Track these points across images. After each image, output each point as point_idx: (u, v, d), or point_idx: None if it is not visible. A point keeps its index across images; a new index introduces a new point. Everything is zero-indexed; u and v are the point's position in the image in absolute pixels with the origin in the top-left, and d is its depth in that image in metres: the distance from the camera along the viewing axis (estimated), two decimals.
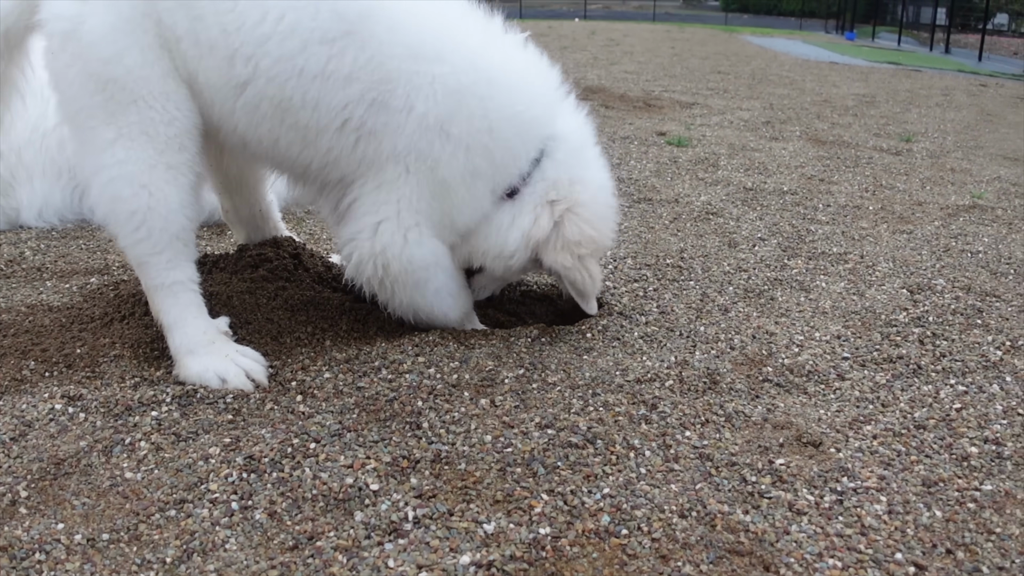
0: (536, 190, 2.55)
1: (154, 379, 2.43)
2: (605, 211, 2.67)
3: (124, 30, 2.27)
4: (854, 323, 2.95)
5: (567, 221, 2.55)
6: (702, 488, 1.95)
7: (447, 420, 2.21)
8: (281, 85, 2.30)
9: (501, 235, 2.57)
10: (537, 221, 2.55)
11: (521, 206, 2.56)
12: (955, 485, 2.03)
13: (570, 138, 2.61)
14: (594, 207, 2.61)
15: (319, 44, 2.28)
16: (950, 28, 23.42)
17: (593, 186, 2.63)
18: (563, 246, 2.55)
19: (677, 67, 12.70)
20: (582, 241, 2.56)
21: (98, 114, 2.30)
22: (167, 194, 2.34)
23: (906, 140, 6.83)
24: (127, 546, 1.76)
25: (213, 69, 2.31)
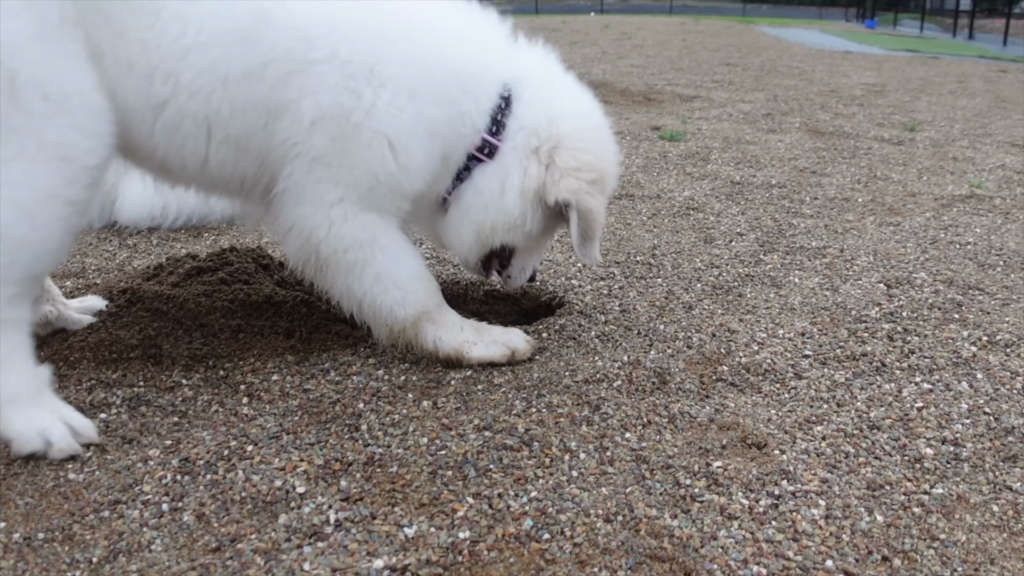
0: (517, 143, 2.38)
1: (109, 381, 2.43)
2: (595, 135, 2.48)
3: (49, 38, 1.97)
4: (822, 319, 2.90)
5: (558, 156, 2.36)
6: (632, 491, 1.92)
7: (386, 422, 2.19)
8: (205, 100, 2.13)
9: (499, 203, 2.39)
10: (527, 172, 2.37)
11: (506, 165, 2.38)
12: (903, 488, 1.98)
13: (533, 74, 2.44)
14: (581, 134, 2.41)
15: (238, 44, 2.13)
16: (974, 13, 23.04)
17: (573, 116, 2.43)
18: (562, 175, 2.35)
19: (685, 60, 12.59)
20: (581, 167, 2.36)
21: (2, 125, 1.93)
22: (53, 231, 2.01)
23: (910, 129, 6.72)
24: (60, 545, 1.77)
25: (131, 89, 2.10)
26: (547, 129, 2.38)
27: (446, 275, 3.29)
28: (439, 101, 2.27)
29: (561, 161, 2.35)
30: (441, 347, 2.48)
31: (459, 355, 2.48)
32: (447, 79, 2.28)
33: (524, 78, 2.41)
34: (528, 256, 2.64)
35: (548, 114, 2.39)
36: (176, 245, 3.77)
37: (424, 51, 2.25)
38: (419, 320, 2.45)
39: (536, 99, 2.40)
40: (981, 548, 1.79)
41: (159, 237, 3.90)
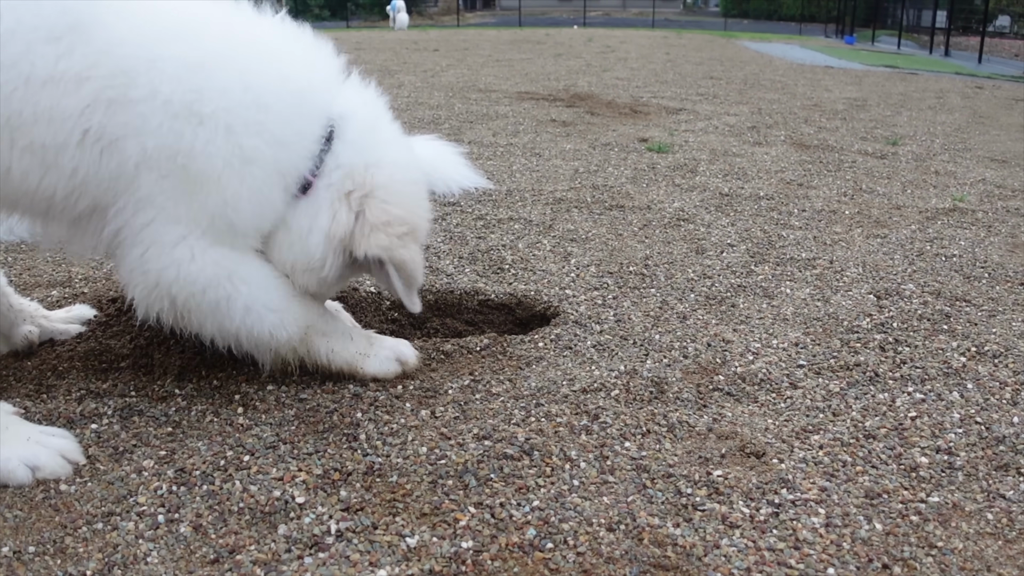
0: (332, 181, 2.23)
1: (100, 391, 2.40)
2: (409, 188, 2.35)
3: None
4: (815, 330, 2.91)
5: (368, 207, 2.24)
6: (634, 500, 1.91)
7: (384, 432, 2.18)
8: (6, 98, 1.91)
9: (303, 242, 2.24)
10: (336, 217, 2.23)
11: (317, 204, 2.23)
12: (900, 497, 1.99)
13: (358, 115, 2.30)
14: (395, 187, 2.29)
15: (44, 43, 1.92)
16: (950, 31, 23.35)
17: (390, 166, 2.31)
18: (372, 229, 2.23)
19: (670, 73, 12.67)
20: (391, 221, 2.24)
21: None
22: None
23: (892, 143, 6.79)
24: (51, 559, 1.75)
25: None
26: (362, 175, 2.26)
27: (439, 285, 3.28)
28: (270, 133, 2.12)
29: (371, 214, 2.24)
30: (334, 359, 2.41)
31: (352, 369, 2.42)
32: (269, 115, 2.12)
33: (349, 117, 2.28)
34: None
35: (366, 159, 2.27)
36: None
37: (246, 84, 2.10)
38: (307, 335, 2.35)
39: (357, 141, 2.27)
40: (978, 556, 1.79)
41: None
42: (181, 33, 2.07)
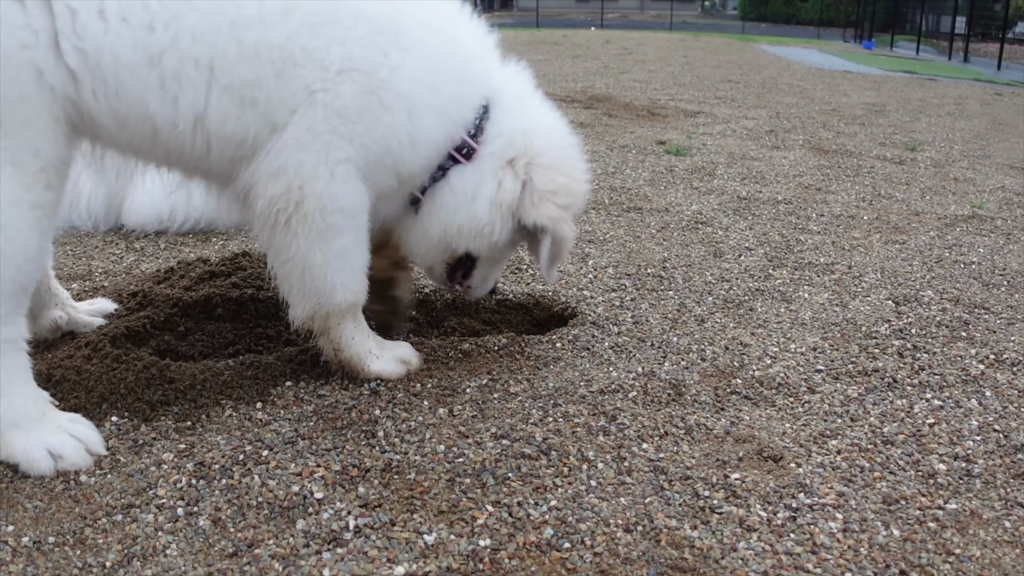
0: (495, 148, 2.35)
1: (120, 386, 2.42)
2: (568, 152, 2.48)
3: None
4: (833, 335, 2.90)
5: (535, 175, 2.36)
6: (652, 502, 1.92)
7: (403, 429, 2.19)
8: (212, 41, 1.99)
9: (469, 207, 2.35)
10: (502, 185, 2.35)
11: (481, 171, 2.34)
12: (917, 503, 1.98)
13: (510, 87, 2.44)
14: (555, 151, 2.42)
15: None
16: (969, 37, 23.21)
17: (547, 132, 2.44)
18: (541, 198, 2.36)
19: (687, 76, 12.65)
20: (557, 190, 2.37)
21: None
22: (27, 239, 1.92)
23: (911, 149, 6.76)
24: (71, 549, 1.76)
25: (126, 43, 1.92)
26: (522, 141, 2.37)
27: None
28: (448, 81, 2.25)
29: (539, 182, 2.35)
30: (352, 347, 2.42)
31: (360, 362, 2.43)
32: (453, 62, 2.27)
33: (503, 88, 2.41)
34: (490, 267, 2.60)
35: (523, 126, 2.39)
36: (184, 249, 3.76)
37: (437, 30, 2.26)
38: (347, 312, 2.36)
39: (513, 109, 2.39)
40: (995, 563, 1.79)
41: (167, 241, 3.90)
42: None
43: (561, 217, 2.37)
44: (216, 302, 2.85)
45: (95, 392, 2.30)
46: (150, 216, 3.97)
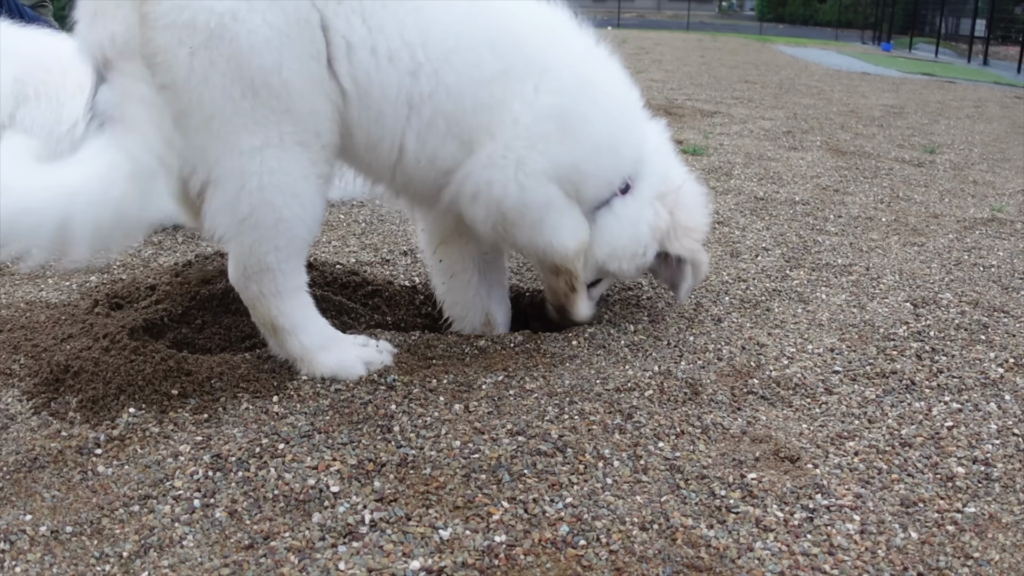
0: (648, 184, 2.71)
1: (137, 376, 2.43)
2: (700, 196, 2.89)
3: (289, 36, 2.14)
4: (850, 336, 2.89)
5: (678, 211, 2.75)
6: (668, 500, 1.91)
7: (418, 424, 2.19)
8: (458, 98, 2.35)
9: (635, 230, 2.70)
10: (657, 214, 2.71)
11: (640, 201, 2.70)
12: (936, 506, 1.97)
13: (656, 139, 2.82)
14: (690, 194, 2.84)
15: (489, 52, 2.38)
16: (989, 40, 23.01)
17: (686, 180, 2.85)
18: (684, 233, 2.75)
19: (704, 76, 12.61)
20: (694, 228, 2.79)
21: (240, 120, 2.15)
22: (316, 204, 2.32)
23: (930, 152, 6.71)
24: (88, 539, 1.77)
25: (391, 83, 2.28)
26: (667, 181, 2.76)
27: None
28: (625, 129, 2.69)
29: (681, 219, 2.75)
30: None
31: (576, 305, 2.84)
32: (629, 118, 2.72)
33: (649, 139, 2.79)
34: (602, 289, 2.95)
35: (665, 172, 2.78)
36: (202, 243, 3.78)
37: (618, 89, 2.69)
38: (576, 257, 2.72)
39: (657, 157, 2.77)
40: (1014, 568, 1.77)
41: (184, 235, 3.91)
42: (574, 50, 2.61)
43: (697, 249, 2.77)
44: (233, 295, 2.86)
45: (113, 383, 2.32)
46: (169, 209, 3.99)
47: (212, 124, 2.16)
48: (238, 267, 2.36)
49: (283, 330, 2.42)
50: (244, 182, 2.20)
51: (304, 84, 2.19)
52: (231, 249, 2.35)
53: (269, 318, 2.42)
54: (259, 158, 2.19)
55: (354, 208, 4.50)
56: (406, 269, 3.53)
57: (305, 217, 2.30)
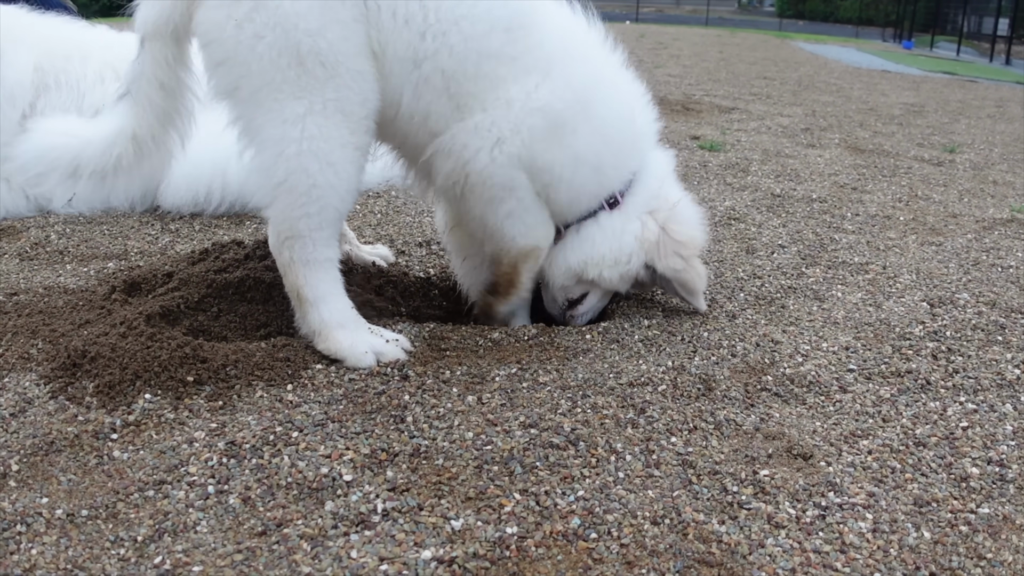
0: (637, 200, 2.75)
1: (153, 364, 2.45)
2: (694, 213, 2.90)
3: (328, 1, 2.25)
4: (866, 335, 2.87)
5: (670, 225, 2.76)
6: (679, 495, 1.91)
7: (432, 415, 2.19)
8: (460, 60, 2.38)
9: (618, 239, 2.72)
10: (645, 227, 2.74)
11: (627, 215, 2.74)
12: (949, 506, 1.96)
13: (659, 163, 2.86)
14: (684, 211, 2.84)
15: (502, 31, 2.42)
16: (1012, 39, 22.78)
17: (682, 200, 2.87)
18: (672, 250, 2.74)
19: (723, 72, 12.55)
20: (685, 242, 2.76)
21: (287, 88, 2.25)
22: (350, 174, 2.36)
23: (950, 151, 6.66)
24: (103, 523, 1.79)
25: (403, 43, 2.34)
26: (661, 200, 2.79)
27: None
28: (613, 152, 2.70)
29: (672, 232, 2.76)
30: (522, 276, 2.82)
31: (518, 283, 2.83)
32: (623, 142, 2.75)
33: (652, 163, 2.83)
34: (598, 301, 2.91)
35: (661, 192, 2.81)
36: (219, 231, 3.80)
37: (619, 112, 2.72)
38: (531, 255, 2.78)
39: (655, 180, 2.81)
40: None
41: (201, 223, 3.94)
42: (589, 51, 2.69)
43: (682, 268, 2.77)
44: (249, 284, 2.88)
45: (129, 369, 2.33)
46: (186, 198, 4.01)
47: (260, 94, 2.28)
48: (274, 232, 2.45)
49: (307, 301, 2.47)
50: (283, 148, 2.28)
51: (348, 47, 2.27)
52: (269, 215, 2.43)
53: (296, 286, 2.47)
54: (301, 125, 2.27)
55: (370, 199, 4.51)
56: (421, 260, 3.54)
57: (339, 186, 2.34)
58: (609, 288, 2.85)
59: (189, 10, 2.33)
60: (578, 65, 2.59)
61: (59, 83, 4.18)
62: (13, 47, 4.12)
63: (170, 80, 2.49)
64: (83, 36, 4.37)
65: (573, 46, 2.62)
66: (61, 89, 4.17)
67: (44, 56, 4.19)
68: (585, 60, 2.63)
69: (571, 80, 2.53)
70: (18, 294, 3.01)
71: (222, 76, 2.32)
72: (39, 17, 4.44)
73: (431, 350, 2.58)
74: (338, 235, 2.50)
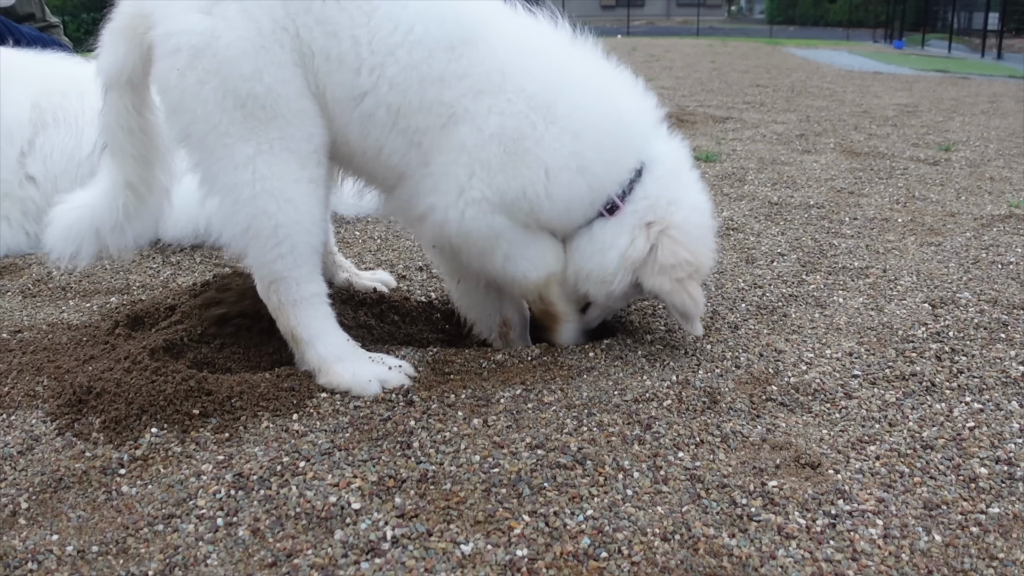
0: (637, 208, 2.57)
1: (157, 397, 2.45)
2: (699, 232, 2.66)
3: (263, 46, 2.28)
4: (869, 339, 2.87)
5: (661, 245, 2.56)
6: (689, 511, 1.91)
7: (438, 440, 2.20)
8: (403, 91, 2.36)
9: (603, 255, 2.58)
10: (634, 243, 2.56)
11: (620, 226, 2.57)
12: (959, 508, 1.95)
13: (668, 158, 2.65)
14: (687, 228, 2.60)
15: (443, 51, 2.37)
16: (1002, 33, 22.87)
17: (687, 208, 2.63)
18: (660, 270, 2.55)
19: (715, 81, 12.60)
20: (677, 265, 2.55)
21: (235, 131, 2.30)
22: (310, 207, 2.38)
23: (945, 150, 6.67)
24: (114, 559, 1.79)
25: (339, 82, 2.35)
26: (664, 209, 2.58)
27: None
28: (592, 150, 2.49)
29: (661, 255, 2.55)
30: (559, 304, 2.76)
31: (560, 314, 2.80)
32: (602, 135, 2.52)
33: (660, 158, 2.62)
34: (595, 313, 2.83)
35: (668, 197, 2.59)
36: (220, 263, 3.81)
37: (594, 104, 2.53)
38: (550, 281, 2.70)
39: (663, 179, 2.60)
40: None
41: (202, 255, 3.95)
42: (549, 48, 2.54)
43: (673, 289, 2.56)
44: (251, 314, 2.88)
45: (135, 404, 2.34)
46: (187, 230, 4.03)
47: (210, 138, 2.33)
48: (258, 279, 2.49)
49: (302, 340, 2.49)
50: (239, 193, 2.33)
51: (287, 89, 2.31)
52: (247, 263, 2.47)
53: (290, 327, 2.50)
54: (252, 167, 2.30)
55: (369, 225, 4.52)
56: (422, 284, 3.54)
57: (302, 220, 2.36)
58: (604, 304, 2.76)
59: (142, 59, 2.39)
60: (535, 67, 2.47)
61: (57, 120, 4.21)
62: (12, 85, 4.16)
63: (137, 125, 2.52)
64: (80, 73, 4.40)
65: (529, 50, 2.50)
66: (59, 126, 4.20)
67: (42, 94, 4.22)
68: (544, 60, 2.50)
69: (525, 86, 2.41)
70: (22, 331, 3.02)
71: (175, 123, 2.40)
72: (37, 55, 4.48)
73: (435, 374, 2.58)
74: (319, 268, 2.50)
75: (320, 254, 2.50)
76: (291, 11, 2.30)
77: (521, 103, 2.40)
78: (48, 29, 6.36)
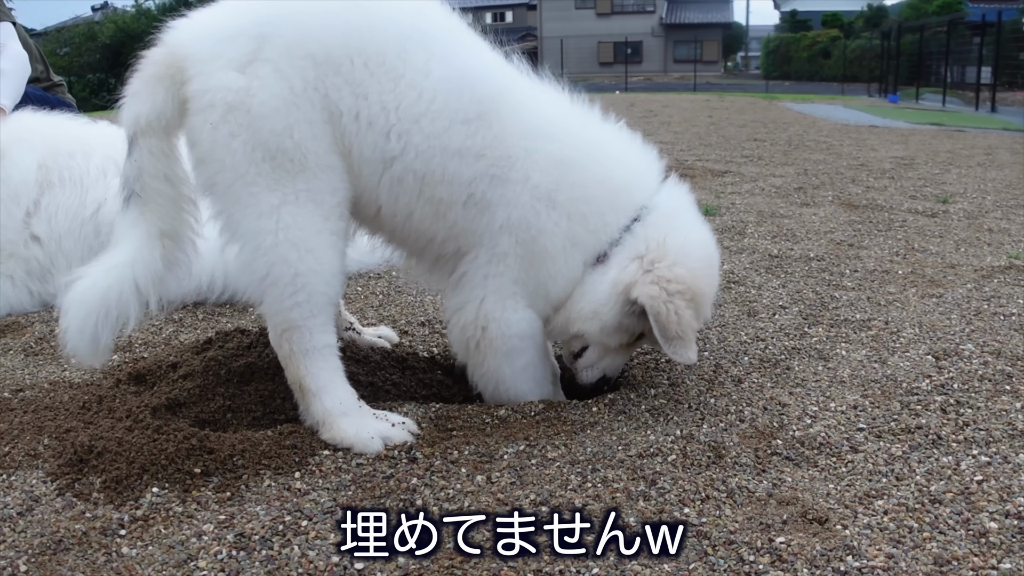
0: (625, 249, 2.64)
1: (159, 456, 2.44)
2: (699, 257, 2.70)
3: (295, 104, 2.36)
4: (873, 392, 2.86)
5: (658, 264, 2.59)
6: (696, 568, 1.88)
7: (441, 497, 2.18)
8: (427, 160, 2.45)
9: (592, 293, 2.65)
10: (625, 269, 2.62)
11: (608, 266, 2.65)
12: (970, 563, 1.93)
13: (664, 206, 2.71)
14: (686, 251, 2.64)
15: (460, 124, 2.46)
16: (995, 86, 23.18)
17: (684, 240, 2.66)
18: (652, 280, 2.56)
19: (713, 136, 12.74)
20: (673, 279, 2.56)
21: (262, 181, 2.37)
22: (331, 258, 2.43)
23: (943, 201, 6.72)
24: None
25: (368, 144, 2.43)
26: (657, 243, 2.63)
27: None
28: (589, 222, 2.62)
29: (657, 269, 2.59)
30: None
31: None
32: (592, 207, 2.63)
33: (656, 208, 2.69)
34: (601, 354, 2.82)
35: (662, 233, 2.63)
36: (222, 320, 3.82)
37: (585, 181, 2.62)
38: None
39: (657, 223, 2.66)
40: None
41: (205, 312, 3.96)
42: (552, 132, 2.61)
43: (660, 297, 2.54)
44: (253, 371, 2.88)
45: (136, 463, 2.33)
46: (189, 287, 4.04)
47: (235, 187, 2.39)
48: (271, 327, 2.52)
49: (309, 391, 2.50)
50: (261, 240, 2.38)
51: (316, 145, 2.39)
52: (263, 311, 2.50)
53: (298, 377, 2.52)
54: (276, 216, 2.37)
55: (371, 280, 4.54)
56: (424, 340, 3.55)
57: (321, 271, 2.41)
58: (600, 342, 2.75)
59: (179, 108, 2.44)
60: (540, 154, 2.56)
61: (63, 180, 4.26)
62: (18, 147, 4.22)
63: (170, 171, 2.55)
64: (85, 132, 4.47)
65: (535, 132, 2.58)
66: (65, 185, 4.25)
67: (48, 154, 4.28)
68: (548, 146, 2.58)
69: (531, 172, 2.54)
70: (24, 390, 3.02)
71: (202, 172, 2.45)
72: (43, 116, 4.55)
73: (438, 430, 2.57)
74: (333, 320, 2.54)
75: (333, 305, 2.54)
76: (321, 73, 2.37)
77: (527, 194, 2.55)
78: (53, 88, 6.45)
